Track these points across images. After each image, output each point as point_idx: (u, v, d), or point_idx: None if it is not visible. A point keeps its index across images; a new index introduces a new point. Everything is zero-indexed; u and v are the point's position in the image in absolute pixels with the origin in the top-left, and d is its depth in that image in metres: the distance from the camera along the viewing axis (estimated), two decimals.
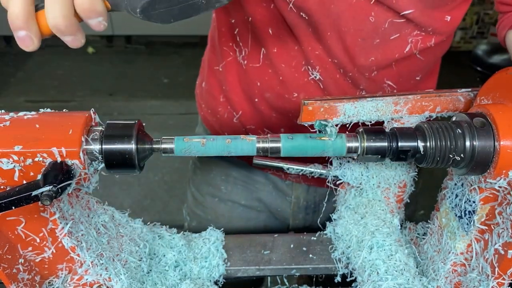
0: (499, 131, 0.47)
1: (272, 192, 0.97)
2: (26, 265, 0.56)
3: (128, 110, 3.21)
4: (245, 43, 0.80)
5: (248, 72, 0.82)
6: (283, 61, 0.76)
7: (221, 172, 0.98)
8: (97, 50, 4.03)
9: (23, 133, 0.48)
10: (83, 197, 0.60)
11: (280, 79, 0.78)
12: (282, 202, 0.97)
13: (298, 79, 0.77)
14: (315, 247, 0.74)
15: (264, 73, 0.80)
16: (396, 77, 0.77)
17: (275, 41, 0.76)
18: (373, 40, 0.70)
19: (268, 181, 0.96)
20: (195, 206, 1.03)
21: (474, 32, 4.12)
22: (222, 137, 0.53)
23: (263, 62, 0.79)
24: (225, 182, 0.98)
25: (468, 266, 0.58)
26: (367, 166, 0.69)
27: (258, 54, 0.79)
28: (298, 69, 0.76)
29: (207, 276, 0.69)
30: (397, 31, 0.70)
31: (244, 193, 0.97)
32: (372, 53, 0.72)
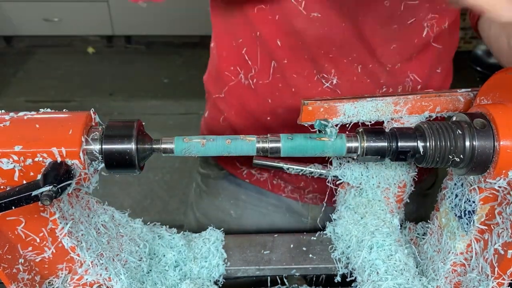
0: (498, 131, 0.47)
1: (285, 215, 0.91)
2: (26, 265, 0.56)
3: (128, 110, 3.21)
4: (254, 61, 0.78)
5: (258, 91, 0.79)
6: (294, 71, 0.75)
7: (229, 196, 0.93)
8: (97, 50, 4.03)
9: (23, 133, 0.48)
10: (83, 197, 0.60)
11: (293, 90, 0.76)
12: (297, 224, 0.92)
13: (312, 89, 0.75)
14: (315, 247, 0.74)
15: (275, 88, 0.77)
16: (419, 69, 0.76)
17: (285, 52, 0.74)
18: (391, 27, 0.70)
19: (282, 203, 0.91)
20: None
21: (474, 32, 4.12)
22: (222, 137, 0.53)
23: (273, 77, 0.77)
24: (235, 206, 0.92)
25: (468, 266, 0.58)
26: (367, 166, 0.69)
27: (268, 68, 0.77)
28: (311, 78, 0.74)
29: (207, 276, 0.69)
30: (413, 15, 0.69)
31: (255, 218, 0.92)
32: (392, 41, 0.71)
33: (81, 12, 3.76)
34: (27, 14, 3.73)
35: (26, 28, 3.81)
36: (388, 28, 0.70)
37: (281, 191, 0.90)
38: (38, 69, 3.71)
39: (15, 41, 3.98)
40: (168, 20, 3.77)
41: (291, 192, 0.90)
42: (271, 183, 0.90)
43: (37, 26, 3.79)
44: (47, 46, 4.01)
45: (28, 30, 3.83)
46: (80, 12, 3.76)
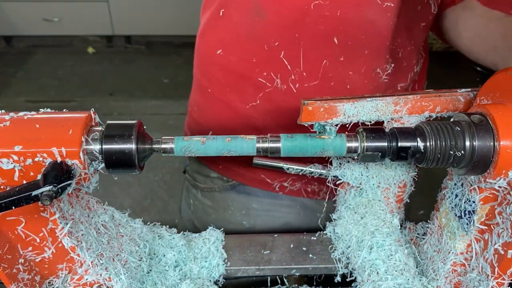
0: (498, 131, 0.47)
1: (300, 213, 0.90)
2: (26, 265, 0.56)
3: (128, 110, 3.21)
4: (295, 64, 0.73)
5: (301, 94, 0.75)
6: (351, 68, 0.72)
7: (240, 207, 0.90)
8: (97, 50, 4.03)
9: (23, 133, 0.48)
10: (83, 197, 0.60)
11: (348, 87, 0.74)
12: (311, 220, 0.89)
13: (368, 84, 0.73)
14: (315, 247, 0.74)
15: (323, 88, 0.74)
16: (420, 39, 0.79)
17: (341, 49, 0.71)
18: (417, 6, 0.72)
19: (295, 202, 0.89)
20: None
21: None
22: (222, 136, 0.53)
23: (322, 77, 0.73)
24: (247, 216, 0.90)
25: (468, 266, 0.58)
26: (367, 166, 0.69)
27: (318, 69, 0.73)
28: (368, 75, 0.72)
29: (207, 276, 0.69)
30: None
31: (270, 222, 0.90)
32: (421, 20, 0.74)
33: (81, 12, 3.76)
34: (27, 14, 3.73)
35: (26, 28, 3.81)
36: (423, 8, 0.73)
37: (316, 194, 0.88)
38: (38, 69, 3.71)
39: (15, 41, 3.98)
40: (168, 20, 3.77)
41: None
42: (305, 190, 0.88)
43: (37, 26, 3.79)
44: (47, 46, 4.01)
45: (28, 30, 3.83)
46: (80, 12, 3.76)
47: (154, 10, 3.71)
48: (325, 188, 0.87)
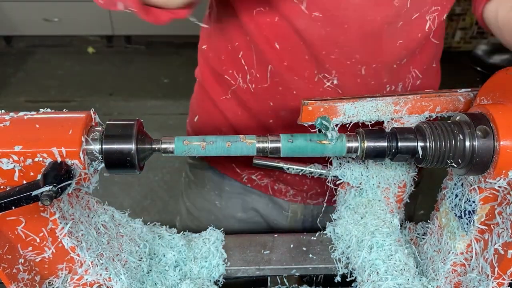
0: (498, 131, 0.47)
1: (268, 204, 0.94)
2: (26, 265, 0.56)
3: (128, 110, 3.21)
4: (250, 65, 0.77)
5: (258, 95, 0.79)
6: (295, 73, 0.74)
7: (214, 187, 0.95)
8: (97, 50, 4.03)
9: (23, 133, 0.48)
10: (83, 197, 0.60)
11: (294, 93, 0.76)
12: (278, 215, 0.95)
13: (314, 89, 0.75)
14: (315, 247, 0.74)
15: (275, 91, 0.77)
16: (420, 64, 0.77)
17: (284, 55, 0.73)
18: (397, 24, 0.70)
19: (265, 194, 0.93)
20: (190, 221, 1.01)
21: (474, 32, 4.12)
22: (221, 139, 0.53)
23: (271, 81, 0.76)
24: (219, 197, 0.95)
25: (468, 266, 0.58)
26: (367, 166, 0.69)
27: (265, 73, 0.76)
28: (312, 80, 0.74)
29: (207, 276, 0.69)
30: (417, 9, 0.70)
31: (240, 205, 0.95)
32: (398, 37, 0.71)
33: (81, 12, 3.76)
34: (27, 14, 3.73)
35: (26, 28, 3.81)
36: (395, 25, 0.70)
37: (283, 195, 0.91)
38: (38, 69, 3.71)
39: (15, 41, 3.98)
40: None
41: (293, 196, 0.91)
42: (272, 188, 0.91)
43: (37, 26, 3.79)
44: (47, 46, 4.01)
45: (28, 30, 3.83)
46: (80, 12, 3.76)
47: None
48: (292, 190, 0.90)
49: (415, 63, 0.77)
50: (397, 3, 0.67)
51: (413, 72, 0.77)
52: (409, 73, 0.77)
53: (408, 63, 0.75)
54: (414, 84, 0.78)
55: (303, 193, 0.90)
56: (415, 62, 0.76)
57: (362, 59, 0.72)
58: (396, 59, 0.73)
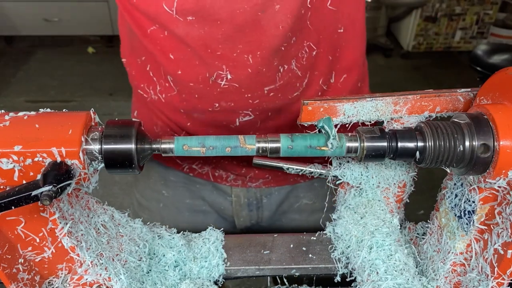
0: (498, 131, 0.47)
1: (213, 191, 0.97)
2: (26, 265, 0.56)
3: (128, 110, 3.20)
4: (159, 76, 0.82)
5: (169, 103, 0.83)
6: (190, 80, 0.77)
7: (159, 177, 0.98)
8: (97, 50, 4.03)
9: (23, 133, 0.48)
10: (83, 197, 0.60)
11: (196, 97, 0.79)
12: (224, 201, 0.98)
13: (212, 91, 0.77)
14: (314, 247, 0.74)
15: (181, 98, 0.81)
16: (314, 36, 0.76)
17: (178, 63, 0.76)
18: (274, 8, 0.69)
19: (207, 182, 0.96)
20: (141, 211, 1.04)
21: (474, 32, 4.13)
22: (222, 144, 0.53)
23: (176, 89, 0.80)
24: (165, 186, 0.98)
25: (468, 266, 0.58)
26: (367, 166, 0.69)
27: (168, 82, 0.81)
28: (207, 82, 0.76)
29: (207, 276, 0.69)
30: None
31: (187, 193, 0.98)
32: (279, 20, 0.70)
33: (81, 12, 3.76)
34: (27, 14, 3.73)
35: (26, 28, 3.81)
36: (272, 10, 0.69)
37: (224, 180, 0.95)
38: (38, 69, 3.71)
39: (15, 41, 3.98)
40: None
41: (234, 180, 0.95)
42: (213, 175, 0.95)
43: (37, 26, 3.79)
44: (47, 46, 4.01)
45: (28, 30, 3.83)
46: (80, 12, 3.76)
47: None
48: (232, 175, 0.94)
49: (307, 36, 0.75)
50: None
51: (307, 45, 0.76)
52: (302, 48, 0.76)
53: (299, 39, 0.74)
54: (310, 57, 0.77)
55: (243, 177, 0.94)
56: (307, 35, 0.75)
57: (245, 48, 0.72)
58: (283, 42, 0.73)
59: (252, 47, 0.72)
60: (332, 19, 0.76)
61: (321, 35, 0.77)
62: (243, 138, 0.54)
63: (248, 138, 0.54)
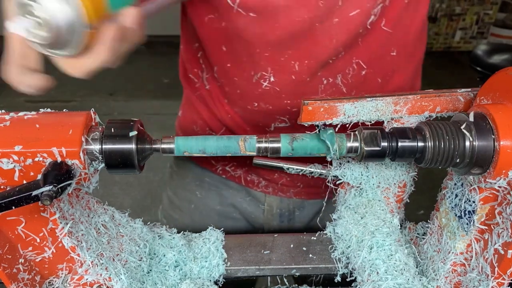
0: (498, 131, 0.47)
1: (245, 198, 0.96)
2: (26, 265, 0.56)
3: (128, 110, 3.21)
4: (206, 65, 0.83)
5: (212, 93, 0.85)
6: (235, 74, 0.78)
7: (195, 178, 0.98)
8: None
9: (23, 133, 0.48)
10: (83, 197, 0.60)
11: (238, 92, 0.80)
12: (256, 209, 0.97)
13: (254, 90, 0.78)
14: (315, 247, 0.74)
15: (224, 91, 0.82)
16: (365, 54, 0.75)
17: (228, 56, 0.77)
18: (332, 21, 0.69)
19: (241, 188, 0.96)
20: (171, 210, 1.04)
21: (474, 32, 4.13)
22: (221, 152, 0.54)
23: (220, 81, 0.81)
24: (200, 187, 0.98)
25: (468, 266, 0.58)
26: (367, 166, 0.69)
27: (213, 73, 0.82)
28: (250, 80, 0.77)
29: (207, 276, 0.69)
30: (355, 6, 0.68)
31: (218, 198, 0.98)
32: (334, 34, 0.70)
33: None
34: None
35: None
36: (329, 22, 0.69)
37: (256, 186, 0.94)
38: None
39: None
40: (168, 20, 3.76)
41: (265, 187, 0.94)
42: (245, 179, 0.94)
43: None
44: None
45: None
46: None
47: None
48: (264, 181, 0.94)
49: (358, 54, 0.75)
50: (322, 3, 0.67)
51: (356, 62, 0.75)
52: (349, 64, 0.75)
53: (348, 55, 0.74)
54: (359, 74, 0.76)
55: (274, 184, 0.93)
56: (358, 53, 0.74)
57: (294, 55, 0.73)
58: (332, 55, 0.73)
59: (300, 55, 0.72)
60: (385, 41, 0.75)
61: (373, 55, 0.76)
62: (243, 145, 0.54)
63: (248, 145, 0.54)
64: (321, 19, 0.69)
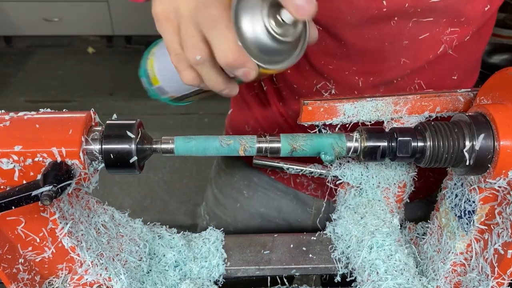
0: (498, 131, 0.47)
1: (293, 201, 0.95)
2: (26, 265, 0.56)
3: (128, 110, 3.21)
4: None
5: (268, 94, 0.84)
6: (295, 80, 0.77)
7: (244, 177, 0.97)
8: (97, 50, 4.03)
9: (23, 133, 0.48)
10: (83, 197, 0.60)
11: (296, 98, 0.79)
12: (302, 213, 0.95)
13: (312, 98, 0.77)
14: (315, 247, 0.74)
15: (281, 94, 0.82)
16: (428, 77, 0.74)
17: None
18: (401, 42, 0.68)
19: (289, 191, 0.94)
20: (216, 207, 1.03)
21: None
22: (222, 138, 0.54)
23: (278, 84, 0.81)
24: (247, 187, 0.97)
25: (468, 266, 0.58)
26: (367, 166, 0.69)
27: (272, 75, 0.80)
28: (311, 89, 0.76)
29: (207, 276, 0.69)
30: (425, 30, 0.67)
31: (265, 200, 0.96)
32: (403, 55, 0.70)
33: (81, 12, 3.76)
34: (27, 14, 3.73)
35: (26, 28, 3.80)
36: (399, 44, 0.68)
37: (305, 188, 0.93)
38: (38, 69, 3.71)
39: (15, 41, 3.97)
40: None
41: (314, 190, 0.92)
42: (294, 181, 0.93)
43: (37, 26, 3.79)
44: (47, 46, 4.01)
45: (28, 30, 3.83)
46: (80, 12, 3.76)
47: None
48: (314, 184, 0.92)
49: (422, 76, 0.74)
50: (394, 23, 0.66)
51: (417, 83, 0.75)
52: (411, 84, 0.75)
53: (412, 75, 0.74)
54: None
55: (323, 187, 0.91)
56: (422, 75, 0.74)
57: (360, 71, 0.72)
58: (398, 76, 0.72)
59: (366, 72, 0.72)
60: (450, 65, 0.74)
61: (435, 78, 0.75)
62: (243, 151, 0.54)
63: (249, 145, 0.54)
64: (392, 39, 0.68)
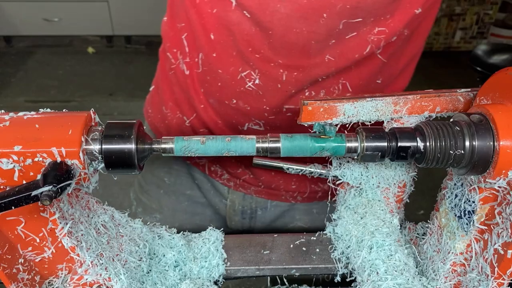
0: (498, 131, 0.47)
1: (210, 191, 0.97)
2: (26, 265, 0.56)
3: (128, 110, 3.21)
4: (190, 48, 0.80)
5: (193, 78, 0.82)
6: (220, 66, 0.76)
7: (163, 164, 0.98)
8: (97, 50, 4.03)
9: (23, 133, 0.48)
10: (83, 197, 0.60)
11: (219, 85, 0.78)
12: (219, 202, 0.98)
13: (235, 86, 0.76)
14: (314, 247, 0.74)
15: (204, 79, 0.80)
16: (354, 79, 0.74)
17: (216, 46, 0.74)
18: (328, 42, 0.68)
19: (207, 179, 0.96)
20: (140, 193, 1.04)
21: (474, 32, 4.13)
22: (221, 136, 0.53)
23: (202, 68, 0.79)
24: (168, 174, 0.98)
25: (468, 266, 0.58)
26: (367, 166, 0.69)
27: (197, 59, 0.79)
28: (235, 76, 0.75)
29: (207, 276, 0.69)
30: (353, 30, 0.67)
31: (189, 184, 0.98)
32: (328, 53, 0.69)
33: (81, 12, 3.76)
34: (27, 14, 3.73)
35: (26, 28, 3.81)
36: (325, 43, 0.68)
37: (218, 177, 0.94)
38: (38, 69, 3.71)
39: (15, 41, 3.98)
40: None
41: (227, 180, 0.94)
42: (209, 169, 0.94)
43: (37, 26, 3.79)
44: (47, 46, 4.01)
45: (28, 30, 3.83)
46: (80, 12, 3.76)
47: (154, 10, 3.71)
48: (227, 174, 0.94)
49: (347, 77, 0.74)
50: (323, 20, 0.66)
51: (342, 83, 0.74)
52: (336, 84, 0.74)
53: (338, 75, 0.73)
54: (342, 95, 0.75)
55: (235, 179, 0.93)
56: (347, 76, 0.74)
57: (284, 64, 0.72)
58: (323, 74, 0.72)
59: (291, 66, 0.72)
60: (376, 69, 0.75)
61: (361, 81, 0.75)
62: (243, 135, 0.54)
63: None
64: (318, 38, 0.68)
